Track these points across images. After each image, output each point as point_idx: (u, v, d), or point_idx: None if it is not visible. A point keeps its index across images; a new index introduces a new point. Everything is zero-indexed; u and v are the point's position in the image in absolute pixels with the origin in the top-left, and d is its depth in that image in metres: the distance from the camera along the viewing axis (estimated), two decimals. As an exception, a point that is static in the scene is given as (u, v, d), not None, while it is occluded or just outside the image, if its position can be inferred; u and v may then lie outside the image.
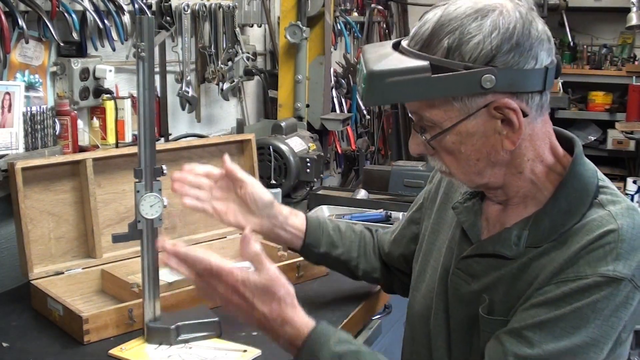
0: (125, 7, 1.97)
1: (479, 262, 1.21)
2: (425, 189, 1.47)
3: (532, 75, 1.07)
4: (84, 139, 1.99)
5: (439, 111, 1.09)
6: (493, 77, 1.04)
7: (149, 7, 2.15)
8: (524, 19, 1.06)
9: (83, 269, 1.67)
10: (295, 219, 1.46)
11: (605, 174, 1.23)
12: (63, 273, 1.64)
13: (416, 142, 1.16)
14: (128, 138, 2.09)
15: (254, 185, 1.41)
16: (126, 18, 1.98)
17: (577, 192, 1.14)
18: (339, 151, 3.43)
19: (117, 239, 1.39)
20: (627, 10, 4.14)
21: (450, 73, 1.04)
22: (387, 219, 2.17)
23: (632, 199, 3.15)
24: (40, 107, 1.76)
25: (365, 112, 3.82)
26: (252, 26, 2.86)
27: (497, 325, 1.15)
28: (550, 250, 1.13)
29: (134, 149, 1.51)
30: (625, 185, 3.47)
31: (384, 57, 1.09)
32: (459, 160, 1.13)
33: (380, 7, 4.29)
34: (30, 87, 1.81)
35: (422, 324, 1.31)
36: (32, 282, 1.57)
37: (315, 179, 2.43)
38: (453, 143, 1.11)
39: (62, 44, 1.87)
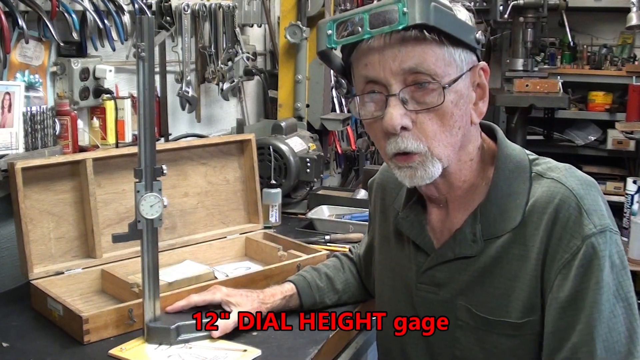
0: (125, 7, 1.97)
1: (441, 270, 1.21)
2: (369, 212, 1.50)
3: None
4: (84, 139, 1.99)
5: (442, 64, 1.09)
6: (481, 37, 1.13)
7: (149, 7, 2.15)
8: None
9: (83, 269, 1.67)
10: (291, 301, 1.50)
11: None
12: (63, 273, 1.64)
13: (400, 113, 1.09)
14: (128, 138, 2.08)
15: None
16: (126, 18, 1.98)
17: (513, 173, 1.17)
18: (339, 151, 3.42)
19: (117, 239, 1.38)
20: (627, 10, 4.13)
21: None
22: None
23: (632, 199, 3.14)
24: (40, 107, 1.76)
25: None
26: (252, 26, 2.86)
27: (485, 322, 1.16)
28: (516, 238, 1.13)
29: (134, 149, 1.51)
30: (625, 185, 3.45)
31: None
32: (446, 127, 1.11)
33: (380, 7, 4.29)
34: (30, 87, 1.81)
35: (397, 349, 1.32)
36: (32, 282, 1.57)
37: (315, 179, 2.42)
38: (452, 102, 1.10)
39: (62, 44, 1.87)
